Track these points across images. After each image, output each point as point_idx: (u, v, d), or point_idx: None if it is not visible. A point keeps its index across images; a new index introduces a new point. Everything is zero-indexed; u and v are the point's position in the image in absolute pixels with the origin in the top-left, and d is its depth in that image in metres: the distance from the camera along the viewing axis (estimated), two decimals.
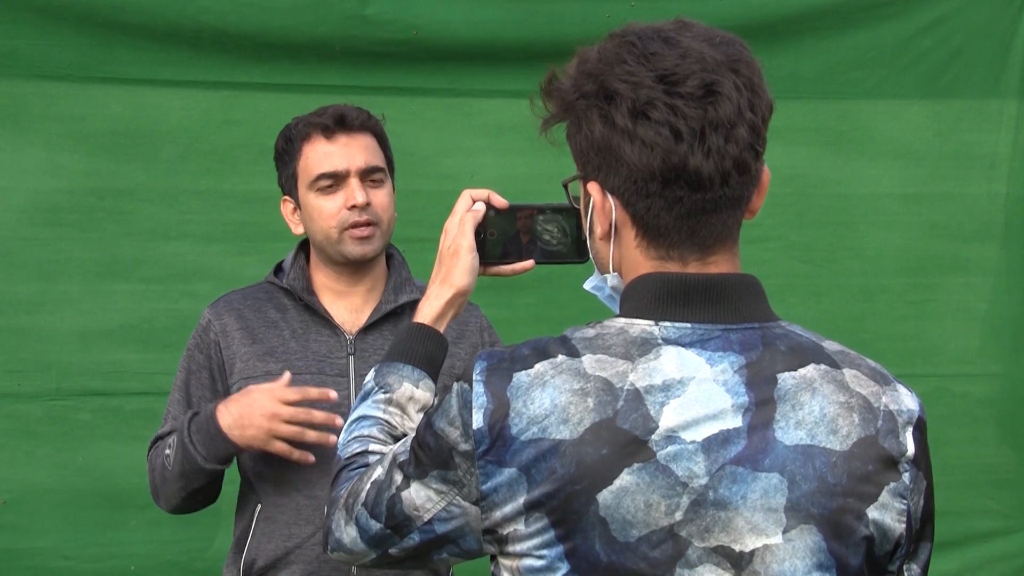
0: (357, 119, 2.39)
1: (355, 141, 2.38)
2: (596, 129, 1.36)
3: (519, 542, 1.34)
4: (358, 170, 2.36)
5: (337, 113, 2.38)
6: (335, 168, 2.36)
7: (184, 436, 2.30)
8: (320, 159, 2.37)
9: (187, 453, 2.29)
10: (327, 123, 2.37)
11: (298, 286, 2.42)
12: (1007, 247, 3.74)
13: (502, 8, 3.41)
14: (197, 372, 2.42)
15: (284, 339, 2.39)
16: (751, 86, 1.35)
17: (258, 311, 2.42)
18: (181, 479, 2.32)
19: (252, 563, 2.37)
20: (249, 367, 2.38)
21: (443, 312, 1.69)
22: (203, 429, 2.28)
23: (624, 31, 1.38)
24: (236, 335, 2.40)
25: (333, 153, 2.36)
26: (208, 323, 2.43)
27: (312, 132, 2.38)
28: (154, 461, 2.39)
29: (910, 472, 1.38)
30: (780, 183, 3.60)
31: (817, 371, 1.37)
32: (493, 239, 1.71)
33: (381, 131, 2.44)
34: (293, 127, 2.42)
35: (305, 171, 2.38)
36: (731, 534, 1.32)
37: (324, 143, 2.37)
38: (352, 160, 2.36)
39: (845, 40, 3.61)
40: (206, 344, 2.42)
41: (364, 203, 2.34)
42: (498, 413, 1.33)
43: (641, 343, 1.35)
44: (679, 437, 1.31)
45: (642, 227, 1.38)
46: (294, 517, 2.34)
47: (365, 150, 2.38)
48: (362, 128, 2.39)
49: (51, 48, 3.24)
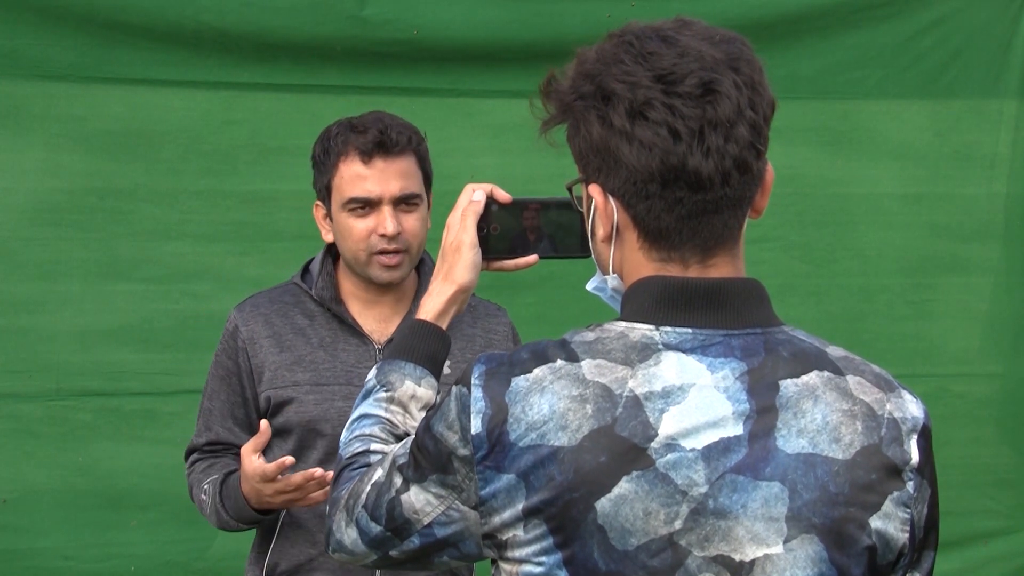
0: (397, 145, 2.31)
1: (392, 167, 2.31)
2: (594, 130, 1.35)
3: (518, 548, 1.33)
4: (392, 197, 2.30)
5: (378, 136, 2.30)
6: (368, 195, 2.30)
7: (216, 502, 2.35)
8: (354, 182, 2.31)
9: (220, 517, 2.36)
10: (367, 147, 2.30)
11: (327, 296, 2.38)
12: (1007, 247, 3.74)
13: (502, 8, 3.40)
14: (227, 379, 2.41)
15: (312, 348, 2.37)
16: (752, 84, 1.34)
17: (285, 316, 2.39)
18: (218, 522, 2.39)
19: (275, 566, 2.37)
20: (278, 377, 2.36)
21: (445, 309, 1.68)
22: (231, 496, 2.32)
23: (623, 31, 1.37)
24: (264, 342, 2.37)
25: (368, 179, 2.30)
26: (235, 328, 2.40)
27: (350, 151, 2.31)
28: (193, 488, 2.44)
29: (914, 481, 1.37)
30: (780, 183, 3.57)
31: (820, 378, 1.35)
32: (496, 234, 1.70)
33: (423, 151, 2.37)
34: (333, 136, 2.34)
35: (339, 190, 2.33)
36: (731, 543, 1.31)
37: (360, 166, 2.30)
38: (386, 187, 2.30)
39: (845, 40, 3.61)
40: (234, 351, 2.40)
41: (394, 233, 2.29)
42: (496, 419, 1.32)
43: (641, 348, 1.33)
44: (679, 445, 1.30)
45: (643, 229, 1.36)
46: (320, 524, 2.33)
47: (401, 176, 2.32)
48: (402, 152, 2.32)
49: (51, 48, 3.24)
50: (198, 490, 2.41)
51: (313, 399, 2.34)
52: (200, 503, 2.40)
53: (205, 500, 2.37)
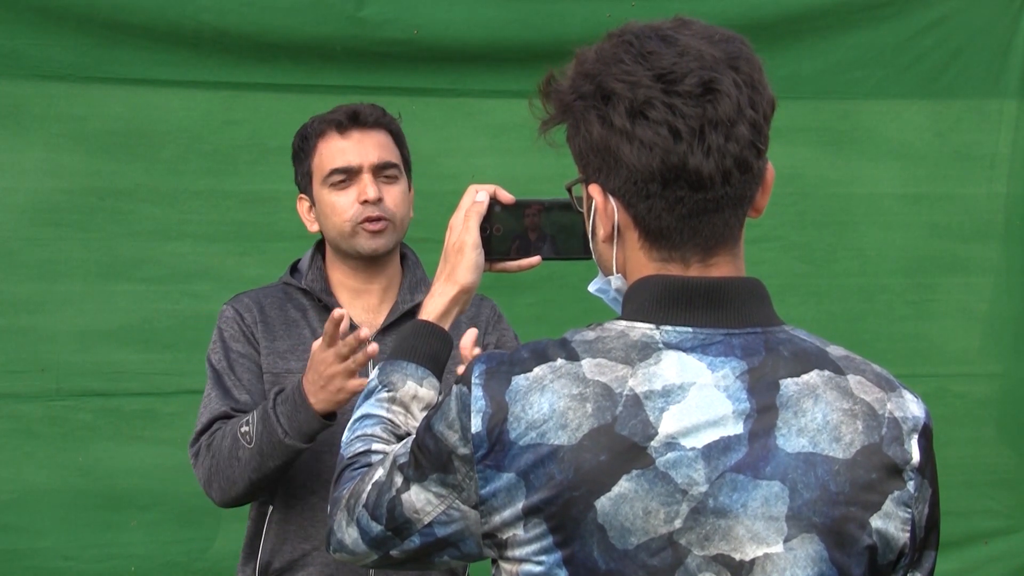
0: (371, 116, 2.41)
1: (369, 138, 2.40)
2: (594, 130, 1.35)
3: (518, 547, 1.33)
4: (371, 165, 2.38)
5: (351, 110, 2.40)
6: (348, 163, 2.38)
7: (269, 408, 2.25)
8: (333, 155, 2.39)
9: (269, 426, 2.24)
10: (341, 119, 2.39)
11: (317, 287, 2.42)
12: (1007, 247, 3.74)
13: (503, 8, 3.40)
14: (237, 360, 2.38)
15: (304, 338, 2.39)
16: (751, 83, 1.34)
17: (279, 308, 2.43)
18: (257, 457, 2.25)
19: (268, 564, 2.36)
20: (270, 363, 2.38)
21: (448, 309, 1.69)
22: (289, 400, 2.24)
23: (622, 30, 1.37)
24: (260, 327, 2.40)
25: (346, 149, 2.39)
26: (236, 313, 2.41)
27: (326, 129, 2.40)
28: (219, 444, 2.30)
29: (915, 480, 1.37)
30: (780, 183, 3.57)
31: (820, 377, 1.35)
32: (499, 235, 1.70)
33: (396, 129, 2.47)
34: (309, 125, 2.44)
35: (319, 167, 2.40)
36: (731, 543, 1.30)
37: (338, 139, 2.39)
38: (365, 156, 2.38)
39: (845, 40, 3.61)
40: (241, 333, 2.39)
41: (376, 198, 2.35)
42: (496, 418, 1.32)
43: (641, 347, 1.33)
44: (679, 444, 1.30)
45: (644, 228, 1.36)
46: (310, 518, 2.34)
47: (379, 147, 2.40)
48: (376, 125, 2.42)
49: (51, 48, 3.24)
50: (231, 431, 2.29)
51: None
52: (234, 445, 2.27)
53: (246, 431, 2.26)
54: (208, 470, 2.33)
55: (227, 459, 2.29)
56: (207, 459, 2.33)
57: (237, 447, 2.28)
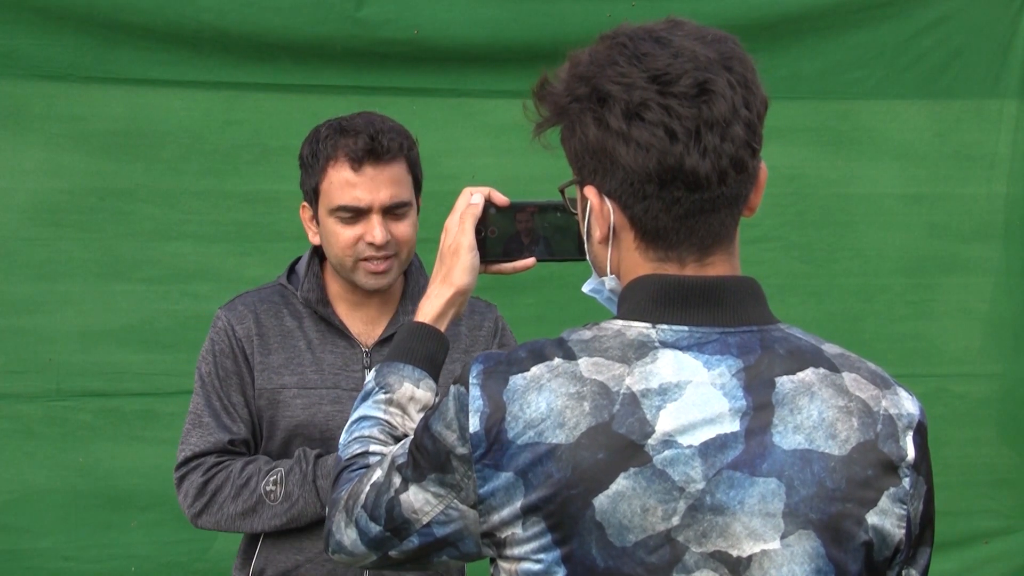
0: (388, 151, 2.24)
1: (382, 174, 2.24)
2: (590, 132, 1.35)
3: (517, 546, 1.34)
4: (381, 206, 2.24)
5: (369, 142, 2.22)
6: (357, 202, 2.23)
7: (309, 477, 2.23)
8: (343, 189, 2.24)
9: (308, 496, 2.23)
10: (357, 152, 2.22)
11: (313, 298, 2.35)
12: (1007, 247, 3.74)
13: (503, 8, 3.40)
14: (227, 379, 2.33)
15: (300, 350, 2.34)
16: (745, 83, 1.34)
17: (275, 317, 2.36)
18: (283, 517, 2.25)
19: (261, 572, 2.36)
20: (264, 379, 2.33)
21: (444, 311, 1.70)
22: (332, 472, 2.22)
23: (615, 32, 1.38)
24: (255, 340, 2.34)
25: (358, 186, 2.23)
26: (229, 325, 2.34)
27: (339, 156, 2.24)
28: (223, 489, 2.28)
29: (910, 477, 1.37)
30: (780, 183, 3.62)
31: (816, 375, 1.36)
32: (494, 237, 1.71)
33: (414, 156, 2.31)
34: (323, 139, 2.27)
35: (327, 196, 2.26)
36: (729, 539, 1.31)
37: (350, 172, 2.23)
38: (376, 196, 2.23)
39: (845, 40, 3.61)
40: (231, 349, 2.33)
41: (382, 243, 2.25)
42: (494, 417, 1.33)
43: (638, 346, 1.34)
44: (676, 441, 1.30)
45: (640, 229, 1.37)
46: (306, 530, 2.30)
47: (392, 184, 2.24)
48: (393, 159, 2.25)
49: (51, 48, 3.24)
50: (245, 484, 2.27)
51: (301, 403, 2.31)
52: (251, 499, 2.25)
53: (273, 492, 2.24)
54: (203, 504, 2.30)
55: (237, 508, 2.28)
56: (202, 492, 2.30)
57: (258, 503, 2.26)
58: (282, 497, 2.25)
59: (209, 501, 2.29)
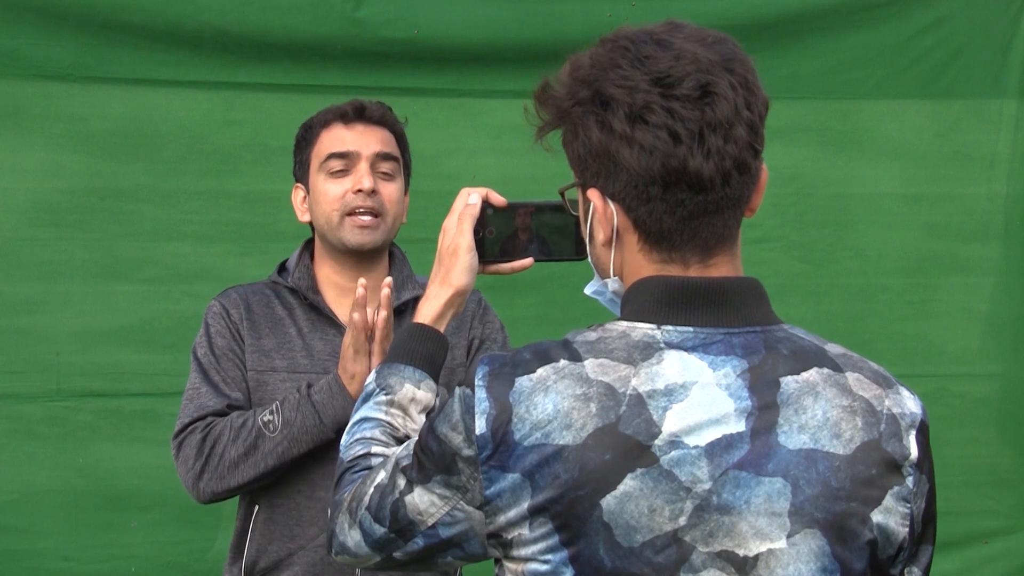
0: (377, 112, 2.42)
1: (371, 131, 2.40)
2: (593, 135, 1.35)
3: (523, 546, 1.34)
4: (370, 155, 2.37)
5: (359, 104, 2.42)
6: (347, 148, 2.37)
7: (303, 397, 2.27)
8: (334, 141, 2.39)
9: (305, 413, 2.26)
10: (347, 111, 2.40)
11: (303, 285, 2.41)
12: (1007, 247, 3.74)
13: (503, 8, 3.40)
14: (223, 356, 2.37)
15: (290, 336, 2.39)
16: (746, 84, 1.35)
17: (266, 306, 2.42)
18: (284, 443, 2.26)
19: (254, 564, 2.36)
20: (254, 361, 2.37)
21: (443, 312, 1.70)
22: (324, 389, 2.26)
23: (615, 35, 1.38)
24: (246, 324, 2.39)
25: (347, 137, 2.38)
26: (223, 308, 2.41)
27: (331, 119, 2.41)
28: (222, 435, 2.29)
29: (913, 476, 1.38)
30: (780, 183, 3.62)
31: (820, 375, 1.36)
32: (492, 237, 1.72)
33: (400, 131, 2.46)
34: (315, 117, 2.45)
35: (318, 154, 2.40)
36: (735, 539, 1.31)
37: (341, 128, 2.40)
38: (365, 145, 2.38)
39: (845, 40, 3.61)
40: (226, 329, 2.39)
41: (370, 189, 2.34)
42: (501, 418, 1.33)
43: (643, 347, 1.34)
44: (682, 442, 1.31)
45: (644, 231, 1.37)
46: (296, 518, 2.33)
47: (380, 140, 2.40)
48: (381, 122, 2.42)
49: (51, 48, 3.24)
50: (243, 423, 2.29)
51: (290, 386, 2.34)
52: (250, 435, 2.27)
53: (271, 421, 2.27)
54: (203, 460, 2.30)
55: (238, 449, 2.28)
56: (202, 449, 2.30)
57: (257, 437, 2.27)
58: (280, 425, 2.28)
59: (209, 453, 2.30)
